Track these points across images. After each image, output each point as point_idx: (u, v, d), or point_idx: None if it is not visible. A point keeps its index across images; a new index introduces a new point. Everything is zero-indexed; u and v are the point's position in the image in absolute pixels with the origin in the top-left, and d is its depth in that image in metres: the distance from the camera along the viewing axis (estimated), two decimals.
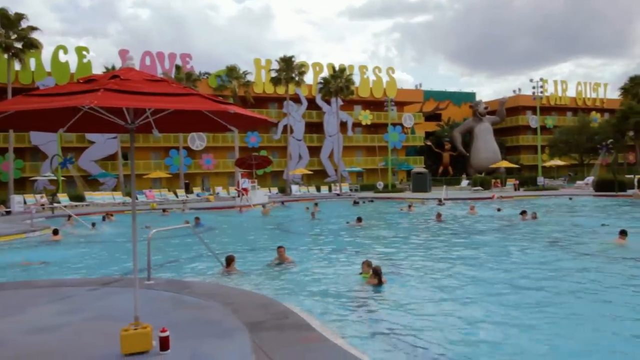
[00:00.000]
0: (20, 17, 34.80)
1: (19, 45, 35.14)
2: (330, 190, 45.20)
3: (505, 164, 50.86)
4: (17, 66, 37.86)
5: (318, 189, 45.40)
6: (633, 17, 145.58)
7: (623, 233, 12.79)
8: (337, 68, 49.51)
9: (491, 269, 10.72)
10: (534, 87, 48.71)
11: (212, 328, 5.77)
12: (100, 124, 5.56)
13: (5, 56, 35.33)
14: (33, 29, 35.39)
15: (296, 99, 52.73)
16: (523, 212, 19.67)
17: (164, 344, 4.92)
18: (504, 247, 13.77)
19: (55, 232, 16.88)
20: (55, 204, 28.69)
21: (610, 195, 31.42)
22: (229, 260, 10.31)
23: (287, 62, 45.93)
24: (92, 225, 19.89)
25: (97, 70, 43.09)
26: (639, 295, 8.24)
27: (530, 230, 16.84)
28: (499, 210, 23.27)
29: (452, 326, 6.81)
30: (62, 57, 43.69)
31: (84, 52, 44.50)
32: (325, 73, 51.03)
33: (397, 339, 6.26)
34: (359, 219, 19.23)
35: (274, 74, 46.67)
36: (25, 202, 30.45)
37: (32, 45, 35.64)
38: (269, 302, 6.97)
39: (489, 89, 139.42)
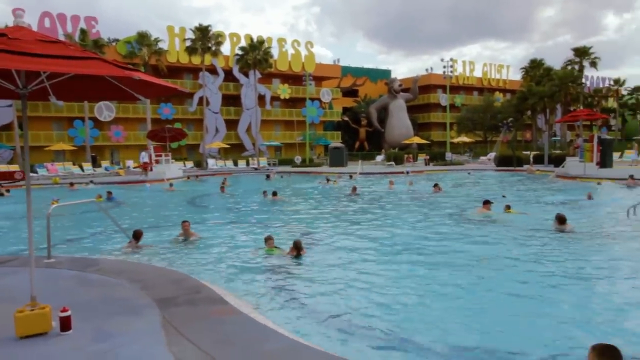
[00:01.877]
0: None
1: None
2: (247, 164, 44.71)
3: (417, 139, 53.01)
4: None
5: (235, 163, 44.75)
6: (534, 5, 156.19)
7: (487, 202, 14.05)
8: (255, 40, 48.44)
9: (402, 238, 11.23)
10: (444, 67, 50.98)
11: (119, 306, 5.55)
12: None
13: None
14: None
15: (212, 70, 51.09)
16: (435, 185, 21.12)
17: (65, 324, 4.65)
18: (414, 217, 14.47)
19: None
20: None
21: (509, 170, 34.00)
22: (137, 235, 9.90)
23: (203, 32, 44.18)
24: None
25: None
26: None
27: (438, 201, 17.88)
28: (410, 184, 24.58)
29: (365, 293, 7.06)
30: None
31: None
32: (243, 44, 49.78)
33: (313, 309, 6.39)
34: (274, 193, 19.30)
35: (189, 43, 44.74)
36: None
37: None
38: (180, 278, 6.81)
39: (404, 67, 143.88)
